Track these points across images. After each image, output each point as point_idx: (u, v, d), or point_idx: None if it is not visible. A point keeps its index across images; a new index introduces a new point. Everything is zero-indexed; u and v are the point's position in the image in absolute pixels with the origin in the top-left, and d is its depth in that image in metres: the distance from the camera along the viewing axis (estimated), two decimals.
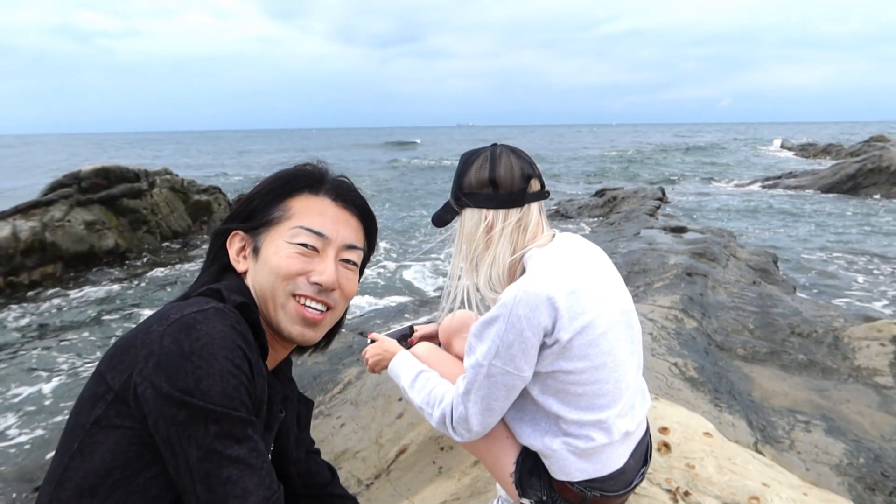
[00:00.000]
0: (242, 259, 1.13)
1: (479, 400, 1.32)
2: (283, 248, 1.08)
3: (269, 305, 1.09)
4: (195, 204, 12.19)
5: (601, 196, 14.07)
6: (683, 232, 7.97)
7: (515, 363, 1.26)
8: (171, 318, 0.89)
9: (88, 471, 0.87)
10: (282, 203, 1.12)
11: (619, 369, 1.33)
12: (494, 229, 1.39)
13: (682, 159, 37.56)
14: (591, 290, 1.30)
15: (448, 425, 1.39)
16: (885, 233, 11.89)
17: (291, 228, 1.09)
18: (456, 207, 1.44)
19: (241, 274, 1.12)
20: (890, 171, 16.94)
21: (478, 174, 1.39)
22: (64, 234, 9.51)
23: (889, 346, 3.73)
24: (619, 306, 1.37)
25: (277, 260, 1.07)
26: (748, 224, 13.44)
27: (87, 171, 10.54)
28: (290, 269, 1.08)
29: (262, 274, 1.08)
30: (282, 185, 1.13)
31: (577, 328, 1.25)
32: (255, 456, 0.87)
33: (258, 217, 1.12)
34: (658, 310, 4.24)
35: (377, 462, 2.31)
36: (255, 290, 1.10)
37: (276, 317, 1.09)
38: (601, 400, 1.31)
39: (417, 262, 10.34)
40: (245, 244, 1.13)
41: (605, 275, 1.40)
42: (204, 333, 0.87)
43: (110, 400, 0.88)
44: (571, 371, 1.28)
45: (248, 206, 1.14)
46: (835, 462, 2.61)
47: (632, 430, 1.38)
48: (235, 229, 1.13)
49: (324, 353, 4.05)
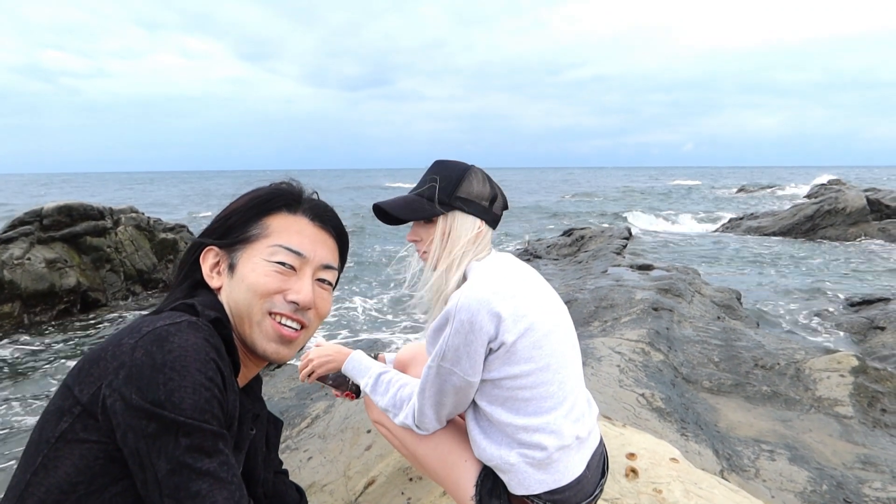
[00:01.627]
0: (216, 275, 1.12)
1: (432, 396, 1.39)
2: (260, 266, 1.08)
3: (244, 322, 1.08)
4: (161, 242, 11.98)
5: (569, 235, 14.26)
6: (650, 269, 8.12)
7: (461, 365, 1.32)
8: (144, 330, 0.89)
9: (52, 486, 0.85)
10: (259, 221, 1.12)
11: (562, 371, 1.38)
12: (478, 240, 1.47)
13: (646, 201, 38.48)
14: (530, 296, 1.37)
15: (413, 424, 1.47)
16: (842, 274, 12.27)
17: (270, 247, 1.09)
18: (439, 208, 1.46)
19: (215, 290, 1.12)
20: (846, 212, 17.58)
21: (480, 187, 1.48)
22: (23, 272, 9.24)
23: (848, 377, 3.83)
24: (556, 312, 1.44)
25: (255, 277, 1.07)
26: (710, 263, 13.74)
27: (50, 209, 10.32)
28: (268, 287, 1.07)
29: (239, 291, 1.08)
30: (260, 202, 1.13)
31: (520, 330, 1.31)
32: (225, 470, 0.86)
33: (234, 234, 1.12)
34: (625, 343, 4.29)
35: (345, 495, 2.26)
36: (230, 307, 1.09)
37: (251, 334, 1.09)
38: (547, 402, 1.35)
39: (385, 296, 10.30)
40: (220, 260, 1.13)
41: (540, 285, 1.47)
42: (177, 346, 0.86)
43: (77, 413, 0.86)
44: (518, 375, 1.33)
45: (224, 223, 1.13)
46: (799, 489, 2.65)
47: (583, 436, 1.41)
48: (210, 245, 1.13)
49: (291, 388, 3.99)
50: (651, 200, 38.61)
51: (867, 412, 3.53)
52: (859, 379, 3.81)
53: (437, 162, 1.53)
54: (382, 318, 9.29)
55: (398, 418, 1.50)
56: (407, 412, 1.47)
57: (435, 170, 1.50)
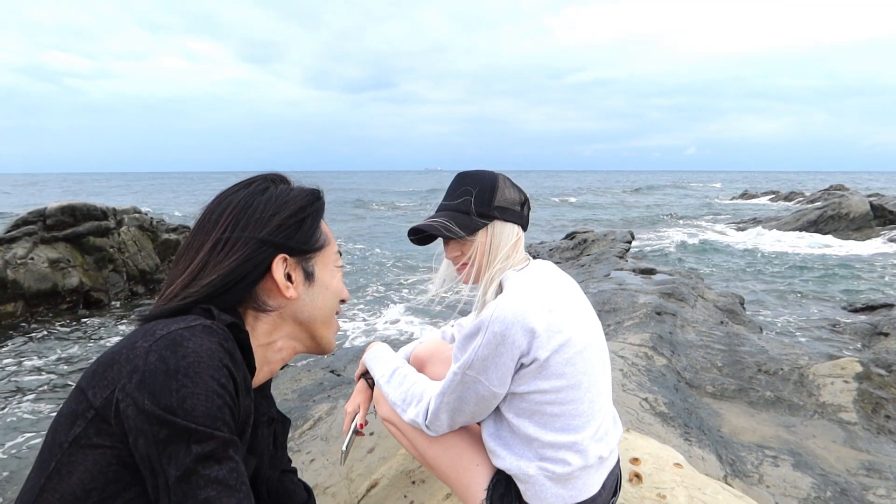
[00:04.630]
0: (291, 284, 1.10)
1: (451, 402, 1.37)
2: (336, 273, 1.19)
3: (320, 325, 1.18)
4: (164, 243, 12.01)
5: (572, 239, 14.23)
6: (652, 273, 8.10)
7: (488, 375, 1.30)
8: (158, 334, 0.88)
9: (66, 492, 0.84)
10: (318, 227, 1.16)
11: (593, 389, 1.35)
12: (519, 245, 1.48)
13: (649, 204, 38.44)
14: (567, 311, 1.33)
15: (423, 423, 1.44)
16: (842, 276, 12.24)
17: (334, 253, 1.19)
18: (480, 220, 1.44)
19: (287, 300, 1.10)
20: (849, 218, 17.56)
21: (510, 192, 1.48)
22: (26, 271, 9.27)
23: (852, 383, 3.81)
24: (592, 327, 1.40)
25: (337, 284, 1.18)
26: (715, 267, 13.73)
27: (53, 209, 10.35)
28: (345, 292, 1.22)
29: (324, 298, 1.16)
30: (319, 209, 1.16)
31: (554, 346, 1.27)
32: (234, 477, 0.86)
33: (308, 242, 1.11)
34: (628, 347, 4.28)
35: (347, 497, 2.26)
36: (305, 314, 1.14)
37: (326, 334, 1.19)
38: (576, 421, 1.32)
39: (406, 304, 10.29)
40: (289, 268, 1.10)
41: (578, 299, 1.43)
42: (191, 351, 0.86)
43: (90, 417, 0.86)
44: (548, 390, 1.30)
45: (289, 230, 1.09)
46: (803, 495, 2.64)
47: (605, 455, 1.39)
48: (283, 252, 1.08)
49: (294, 390, 3.98)
50: (657, 207, 38.46)
51: (871, 418, 3.51)
52: (863, 385, 3.79)
53: (462, 175, 1.51)
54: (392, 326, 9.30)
55: (406, 415, 1.48)
56: (418, 410, 1.45)
57: (465, 182, 1.48)
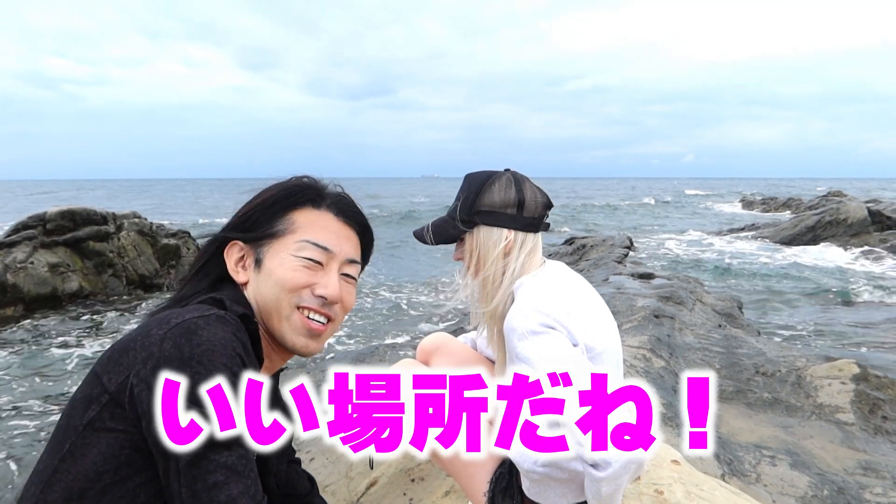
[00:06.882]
0: (242, 269, 1.13)
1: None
2: (288, 261, 1.10)
3: (272, 317, 1.11)
4: (163, 248, 12.02)
5: (570, 244, 14.28)
6: (651, 278, 8.12)
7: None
8: (173, 322, 0.90)
9: (78, 473, 0.86)
10: (285, 216, 1.14)
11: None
12: (512, 252, 1.39)
13: (646, 212, 38.51)
14: (586, 313, 1.31)
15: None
16: (839, 278, 12.27)
17: (297, 242, 1.11)
18: (463, 226, 1.41)
19: (241, 284, 1.13)
20: (847, 223, 17.59)
21: (503, 193, 1.39)
22: (26, 275, 9.28)
23: (850, 385, 3.83)
24: (609, 332, 1.39)
25: (283, 272, 1.09)
26: (712, 272, 13.75)
27: (53, 213, 10.37)
28: (297, 282, 1.10)
29: (267, 286, 1.10)
30: (285, 197, 1.15)
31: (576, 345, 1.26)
32: (243, 463, 0.87)
33: (260, 228, 1.13)
34: (627, 349, 4.30)
35: (347, 495, 2.27)
36: (257, 302, 1.11)
37: (280, 328, 1.11)
38: None
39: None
40: (245, 255, 1.14)
41: (595, 301, 1.42)
42: (205, 339, 0.87)
43: (105, 402, 0.87)
44: None
45: (249, 217, 1.14)
46: (800, 494, 2.65)
47: None
48: (235, 238, 1.14)
49: None
50: (654, 215, 38.50)
51: (868, 419, 3.53)
52: (860, 386, 3.81)
53: (466, 176, 1.47)
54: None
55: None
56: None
57: (463, 185, 1.45)
